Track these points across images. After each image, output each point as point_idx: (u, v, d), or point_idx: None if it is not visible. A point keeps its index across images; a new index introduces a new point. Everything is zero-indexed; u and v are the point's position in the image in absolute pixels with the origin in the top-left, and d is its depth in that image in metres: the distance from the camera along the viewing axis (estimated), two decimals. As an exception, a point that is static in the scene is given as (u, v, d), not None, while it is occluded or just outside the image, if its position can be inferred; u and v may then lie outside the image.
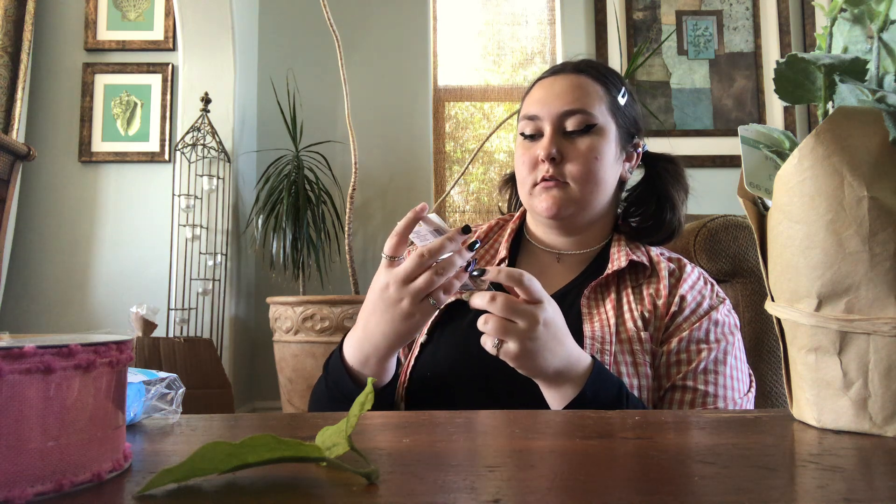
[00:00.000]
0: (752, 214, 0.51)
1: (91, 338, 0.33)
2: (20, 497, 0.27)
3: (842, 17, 0.47)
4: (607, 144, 0.85)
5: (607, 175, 0.86)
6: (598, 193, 0.85)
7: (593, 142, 0.84)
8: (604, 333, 0.79)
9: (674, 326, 0.81)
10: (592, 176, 0.84)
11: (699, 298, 0.83)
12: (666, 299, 0.82)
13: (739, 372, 0.81)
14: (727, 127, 2.90)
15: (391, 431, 0.44)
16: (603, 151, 0.84)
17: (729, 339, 0.81)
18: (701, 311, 0.82)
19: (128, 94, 2.79)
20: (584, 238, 0.90)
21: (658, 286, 0.84)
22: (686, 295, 0.82)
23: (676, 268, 0.86)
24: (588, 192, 0.84)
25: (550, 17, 3.07)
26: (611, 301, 0.83)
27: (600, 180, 0.85)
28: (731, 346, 0.81)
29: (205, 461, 0.30)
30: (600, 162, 0.84)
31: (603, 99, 0.86)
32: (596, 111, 0.85)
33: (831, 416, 0.44)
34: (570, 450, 0.39)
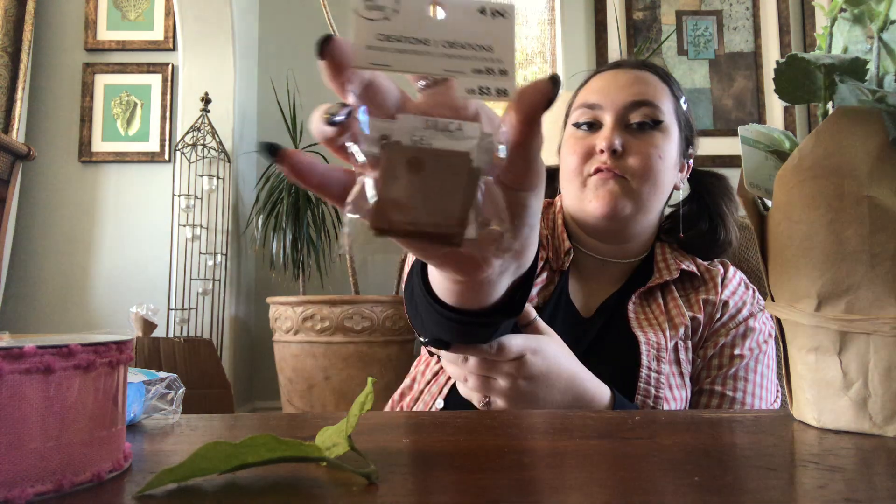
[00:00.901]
0: (752, 214, 0.51)
1: (91, 338, 0.33)
2: (20, 497, 0.27)
3: (842, 17, 0.47)
4: (671, 144, 0.80)
5: (667, 177, 0.81)
6: (657, 195, 0.80)
7: (658, 138, 0.78)
8: (659, 339, 0.77)
9: (712, 331, 0.80)
10: (654, 174, 0.78)
11: (740, 304, 0.82)
12: (714, 306, 0.81)
13: (768, 381, 0.80)
14: (727, 127, 2.90)
15: (391, 431, 0.44)
16: (667, 151, 0.79)
17: (763, 347, 0.80)
18: (740, 318, 0.81)
19: (128, 94, 2.79)
20: (630, 246, 0.85)
21: (706, 292, 0.82)
22: (728, 300, 0.81)
23: (723, 273, 0.85)
24: (648, 192, 0.78)
25: (550, 17, 3.07)
26: (659, 308, 0.81)
27: (661, 182, 0.79)
28: (763, 354, 0.80)
29: (205, 461, 0.30)
30: (664, 161, 0.78)
31: (669, 97, 0.81)
32: (664, 107, 0.80)
33: (831, 416, 0.44)
34: (570, 450, 0.39)
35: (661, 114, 0.79)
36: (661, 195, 0.81)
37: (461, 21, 0.31)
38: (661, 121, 0.79)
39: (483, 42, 0.31)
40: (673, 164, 0.81)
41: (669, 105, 0.81)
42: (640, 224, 0.82)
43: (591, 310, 0.83)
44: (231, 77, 2.66)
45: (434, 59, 0.30)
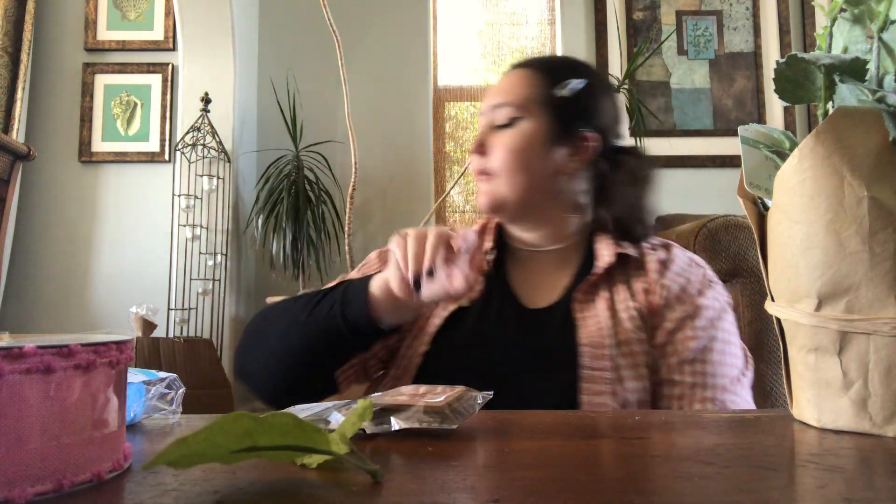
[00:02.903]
0: (752, 214, 0.51)
1: (91, 338, 0.33)
2: (20, 497, 0.27)
3: (842, 17, 0.47)
4: (531, 136, 0.83)
5: (532, 164, 0.83)
6: (524, 183, 0.83)
7: (514, 133, 0.84)
8: (601, 338, 0.77)
9: (660, 317, 0.79)
10: (511, 166, 0.83)
11: (684, 283, 0.81)
12: (658, 291, 0.80)
13: (729, 356, 0.79)
14: (727, 127, 2.90)
15: (391, 431, 0.44)
16: (524, 141, 0.83)
17: (717, 324, 0.79)
18: (687, 299, 0.79)
19: (128, 94, 2.78)
20: (551, 233, 0.88)
21: (648, 278, 0.82)
22: (671, 284, 0.80)
23: (666, 256, 0.84)
24: (513, 182, 0.83)
25: (550, 17, 3.07)
26: (604, 301, 0.81)
27: (522, 169, 0.83)
28: (719, 331, 0.79)
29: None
30: (521, 152, 0.83)
31: (535, 90, 0.85)
32: (521, 103, 0.84)
33: (831, 416, 0.44)
34: (570, 450, 0.39)
35: (517, 111, 0.84)
36: (530, 181, 0.84)
37: None
38: (518, 117, 0.84)
39: None
40: (540, 151, 0.84)
41: (533, 98, 0.84)
42: (527, 210, 0.86)
43: (536, 301, 0.86)
44: (231, 77, 2.65)
45: None
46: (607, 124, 0.89)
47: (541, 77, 0.86)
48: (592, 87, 0.88)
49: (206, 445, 0.29)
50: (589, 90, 0.87)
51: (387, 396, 0.48)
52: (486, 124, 0.87)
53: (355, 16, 2.90)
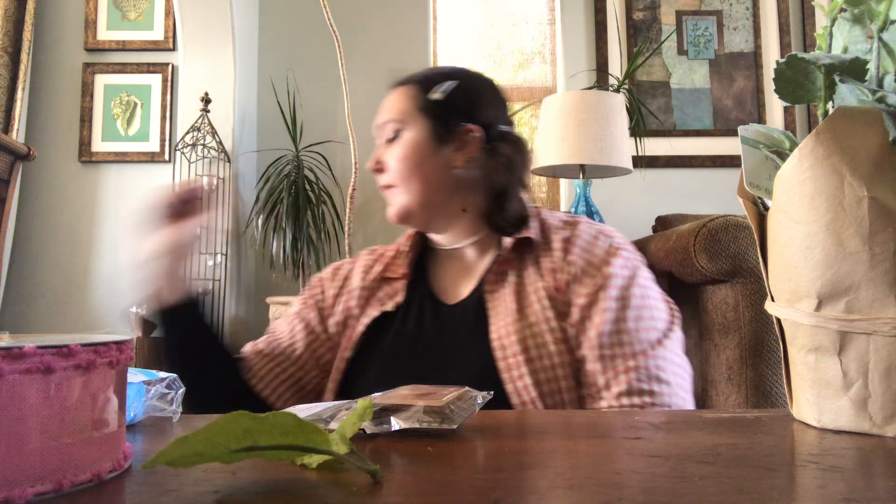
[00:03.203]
0: (752, 214, 0.51)
1: (91, 338, 0.33)
2: (20, 497, 0.27)
3: (842, 17, 0.47)
4: (416, 143, 0.87)
5: (422, 167, 0.87)
6: (420, 187, 0.87)
7: (400, 144, 0.88)
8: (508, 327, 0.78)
9: (573, 294, 0.79)
10: (404, 174, 0.87)
11: (589, 257, 0.81)
12: (562, 270, 0.81)
13: (647, 320, 0.78)
14: (727, 127, 2.90)
15: (391, 431, 0.44)
16: (409, 149, 0.87)
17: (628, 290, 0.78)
18: (593, 272, 0.79)
19: (128, 94, 2.78)
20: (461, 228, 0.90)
21: (553, 257, 0.82)
22: (577, 260, 0.81)
23: (570, 233, 0.84)
24: (409, 188, 0.87)
25: (550, 17, 3.07)
26: (512, 286, 0.82)
27: (414, 174, 0.87)
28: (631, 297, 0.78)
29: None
30: (409, 159, 0.87)
31: (412, 101, 0.89)
32: (401, 116, 0.88)
33: (831, 416, 0.44)
34: (571, 450, 0.39)
35: (397, 123, 0.88)
36: (426, 185, 0.87)
37: None
38: (400, 129, 0.88)
39: None
40: (428, 154, 0.87)
41: (411, 108, 0.88)
42: (434, 211, 0.89)
43: (455, 297, 0.89)
44: (231, 77, 2.65)
45: None
46: (488, 114, 0.91)
47: (416, 88, 0.90)
48: (466, 84, 0.91)
49: (206, 445, 0.29)
50: (463, 88, 0.90)
51: (387, 396, 0.48)
52: (378, 143, 0.91)
53: (355, 16, 2.90)
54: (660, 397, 0.74)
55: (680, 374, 0.78)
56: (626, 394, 0.74)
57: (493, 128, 0.90)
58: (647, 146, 2.68)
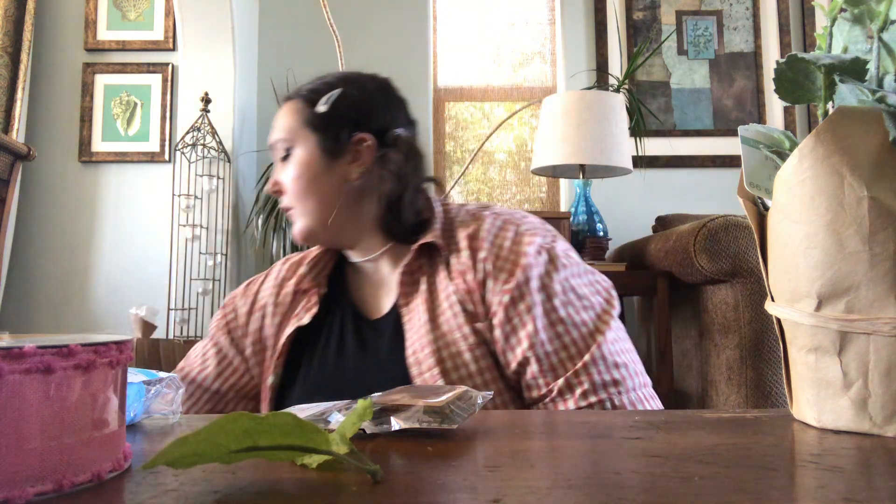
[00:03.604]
0: (752, 214, 0.51)
1: (91, 338, 0.33)
2: (20, 497, 0.27)
3: (842, 17, 0.47)
4: (306, 161, 0.84)
5: (316, 185, 0.84)
6: (317, 205, 0.84)
7: (292, 163, 0.85)
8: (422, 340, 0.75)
9: (489, 294, 0.75)
10: (300, 194, 0.84)
11: (501, 252, 0.76)
12: (472, 270, 0.76)
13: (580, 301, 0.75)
14: (727, 127, 2.90)
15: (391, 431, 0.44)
16: (300, 168, 0.84)
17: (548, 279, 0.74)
18: (508, 266, 0.75)
19: (128, 94, 2.78)
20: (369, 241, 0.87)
21: (462, 257, 0.78)
22: (488, 256, 0.76)
23: (475, 228, 0.80)
24: (307, 210, 0.84)
25: (550, 17, 3.07)
26: (422, 297, 0.78)
27: (309, 193, 0.84)
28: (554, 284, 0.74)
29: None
30: (302, 178, 0.83)
31: (298, 116, 0.86)
32: (289, 134, 0.85)
33: (831, 416, 0.44)
34: (571, 450, 0.39)
35: (286, 142, 0.85)
36: (323, 202, 0.84)
37: None
38: (290, 148, 0.85)
39: None
40: (321, 170, 0.84)
41: (298, 124, 0.85)
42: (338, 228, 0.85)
43: (376, 311, 0.86)
44: (231, 77, 2.65)
45: None
46: (379, 119, 0.87)
47: (302, 102, 0.87)
48: (352, 91, 0.87)
49: (206, 445, 0.29)
50: (349, 96, 0.86)
51: (387, 396, 0.48)
52: (276, 164, 0.88)
53: (355, 16, 2.90)
54: (623, 384, 0.72)
55: (629, 351, 0.76)
56: (591, 391, 0.71)
57: (388, 133, 0.86)
58: (647, 146, 2.68)
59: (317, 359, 0.84)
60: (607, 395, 0.71)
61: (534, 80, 3.06)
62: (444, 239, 0.81)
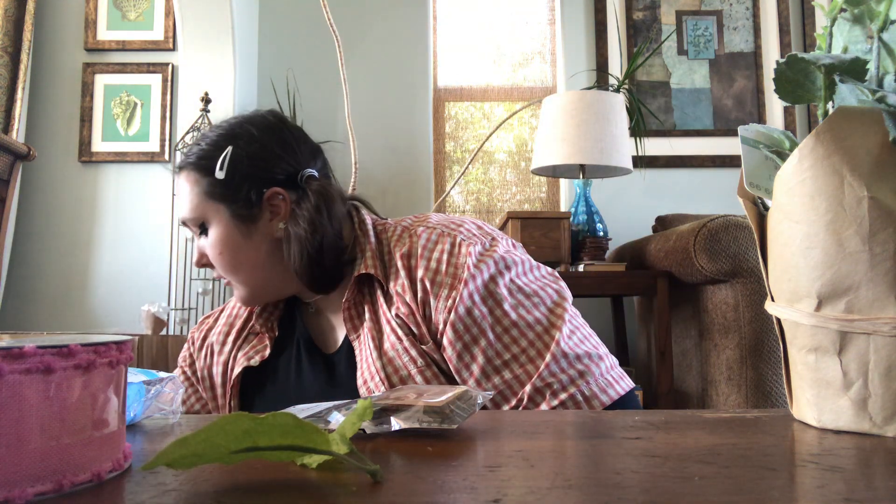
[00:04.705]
0: (752, 214, 0.51)
1: (91, 338, 0.33)
2: (20, 497, 0.27)
3: (842, 17, 0.47)
4: (224, 237, 0.80)
5: (243, 257, 0.80)
6: (250, 275, 0.81)
7: (211, 242, 0.80)
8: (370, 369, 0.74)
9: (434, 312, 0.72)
10: (230, 269, 0.80)
11: (438, 266, 0.73)
12: (410, 292, 0.74)
13: (529, 300, 0.72)
14: (727, 127, 2.90)
15: (391, 431, 0.44)
16: (220, 246, 0.80)
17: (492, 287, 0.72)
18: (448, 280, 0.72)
19: (128, 94, 2.78)
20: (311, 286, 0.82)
21: (398, 279, 0.75)
22: (425, 275, 0.73)
23: (408, 246, 0.77)
24: (244, 280, 0.81)
25: (550, 17, 3.07)
26: (367, 326, 0.77)
27: (239, 267, 0.80)
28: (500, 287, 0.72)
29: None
30: (227, 255, 0.80)
31: (199, 188, 0.80)
32: (196, 211, 0.80)
33: (831, 416, 0.44)
34: (570, 450, 0.39)
35: (196, 221, 0.81)
36: (253, 267, 0.81)
37: None
38: (203, 225, 0.81)
39: None
40: (241, 240, 0.80)
41: (203, 198, 0.80)
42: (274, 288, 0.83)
43: (331, 346, 0.85)
44: (231, 77, 2.65)
45: None
46: (283, 167, 0.81)
47: (197, 172, 0.81)
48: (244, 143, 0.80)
49: (205, 446, 0.29)
50: (243, 153, 0.80)
51: (387, 397, 0.48)
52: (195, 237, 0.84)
53: (355, 16, 2.90)
54: (590, 373, 0.71)
55: (588, 337, 0.74)
56: (562, 389, 0.69)
57: (298, 176, 0.81)
58: (647, 146, 2.68)
59: (275, 392, 0.83)
60: (576, 388, 0.70)
61: (534, 80, 3.06)
62: (378, 265, 0.78)
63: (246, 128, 0.82)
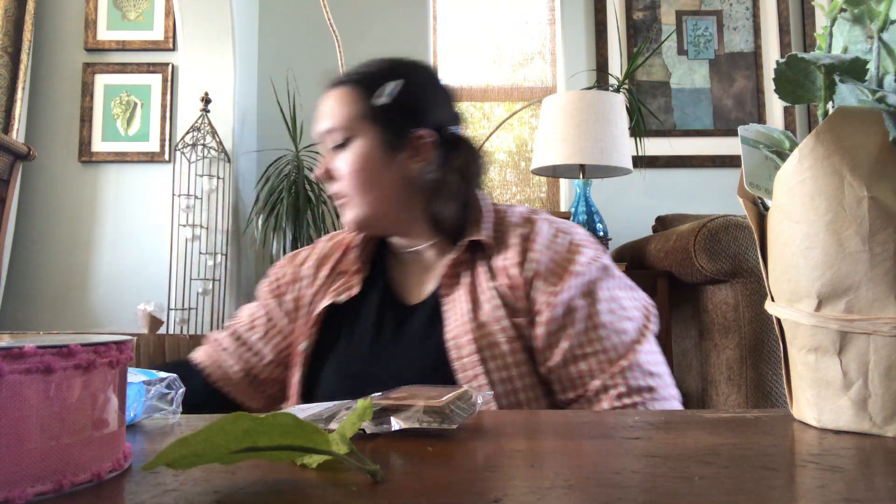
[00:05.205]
0: (752, 214, 0.51)
1: (91, 338, 0.33)
2: (20, 497, 0.27)
3: (842, 17, 0.47)
4: (367, 154, 0.84)
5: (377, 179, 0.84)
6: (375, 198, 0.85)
7: (350, 154, 0.85)
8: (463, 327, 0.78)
9: (536, 292, 0.78)
10: (358, 186, 0.84)
11: (553, 256, 0.79)
12: (519, 267, 0.79)
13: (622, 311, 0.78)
14: (727, 127, 2.90)
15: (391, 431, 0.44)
16: (361, 161, 0.84)
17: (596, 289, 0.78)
18: (559, 270, 0.78)
19: (128, 94, 2.78)
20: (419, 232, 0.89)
21: (508, 255, 0.81)
22: (540, 257, 0.79)
23: (528, 230, 0.83)
24: (364, 202, 0.85)
25: (550, 17, 3.07)
26: (465, 288, 0.81)
27: (369, 187, 0.84)
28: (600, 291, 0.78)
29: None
30: (362, 171, 0.84)
31: (356, 106, 0.85)
32: (347, 123, 0.85)
33: (831, 416, 0.44)
34: (571, 450, 0.39)
35: (343, 132, 0.85)
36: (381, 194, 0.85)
37: None
38: (347, 138, 0.85)
39: None
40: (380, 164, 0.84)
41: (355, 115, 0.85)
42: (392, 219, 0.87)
43: (414, 297, 0.88)
44: (231, 77, 2.65)
45: None
46: (437, 115, 0.88)
47: (358, 91, 0.86)
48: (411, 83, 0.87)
49: (205, 446, 0.29)
50: (409, 89, 0.86)
51: (387, 396, 0.48)
52: (325, 150, 0.89)
53: (355, 16, 2.90)
54: (657, 391, 0.75)
55: (663, 364, 0.79)
56: (626, 394, 0.74)
57: (445, 130, 0.87)
58: (647, 146, 2.68)
59: (353, 335, 0.86)
60: (641, 399, 0.74)
61: (534, 80, 3.06)
62: (493, 238, 0.84)
63: (415, 69, 0.90)
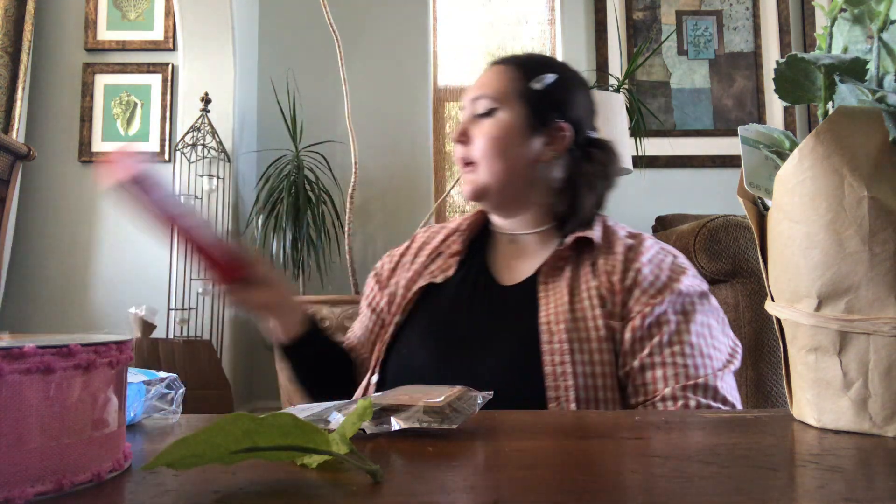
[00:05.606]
0: (752, 214, 0.51)
1: (91, 338, 0.33)
2: (20, 497, 0.27)
3: (842, 17, 0.47)
4: (509, 126, 0.88)
5: (511, 152, 0.88)
6: (503, 169, 0.88)
7: (492, 122, 0.88)
8: (557, 316, 0.80)
9: (633, 301, 0.80)
10: (492, 152, 0.88)
11: (657, 271, 0.82)
12: (621, 274, 0.82)
13: (711, 339, 0.80)
14: (727, 127, 2.90)
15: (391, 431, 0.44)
16: (502, 130, 0.88)
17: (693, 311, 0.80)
18: (660, 284, 0.81)
19: (128, 94, 2.78)
20: (530, 217, 0.92)
21: (613, 260, 0.84)
22: (643, 268, 0.82)
23: (635, 242, 0.87)
24: (493, 169, 0.88)
25: (550, 17, 3.07)
26: (566, 280, 0.84)
27: (501, 156, 0.88)
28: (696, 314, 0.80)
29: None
30: (500, 139, 0.88)
31: (512, 83, 0.90)
32: (500, 94, 0.89)
33: (831, 416, 0.44)
34: (570, 450, 0.39)
35: (493, 101, 0.89)
36: (509, 167, 0.88)
37: None
38: (495, 107, 0.89)
39: None
40: (518, 139, 0.88)
41: (510, 90, 0.89)
42: (507, 196, 0.90)
43: (511, 280, 0.91)
44: (231, 77, 2.65)
45: None
46: (580, 116, 0.92)
47: (517, 72, 0.90)
48: (566, 80, 0.92)
49: (205, 446, 0.29)
50: (562, 84, 0.91)
51: (387, 396, 0.48)
52: (467, 116, 0.92)
53: (355, 16, 2.89)
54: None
55: (738, 400, 0.80)
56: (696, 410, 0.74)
57: (582, 130, 0.92)
58: (647, 146, 2.68)
59: (443, 308, 0.89)
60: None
61: (534, 80, 3.06)
62: (601, 240, 0.87)
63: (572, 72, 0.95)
